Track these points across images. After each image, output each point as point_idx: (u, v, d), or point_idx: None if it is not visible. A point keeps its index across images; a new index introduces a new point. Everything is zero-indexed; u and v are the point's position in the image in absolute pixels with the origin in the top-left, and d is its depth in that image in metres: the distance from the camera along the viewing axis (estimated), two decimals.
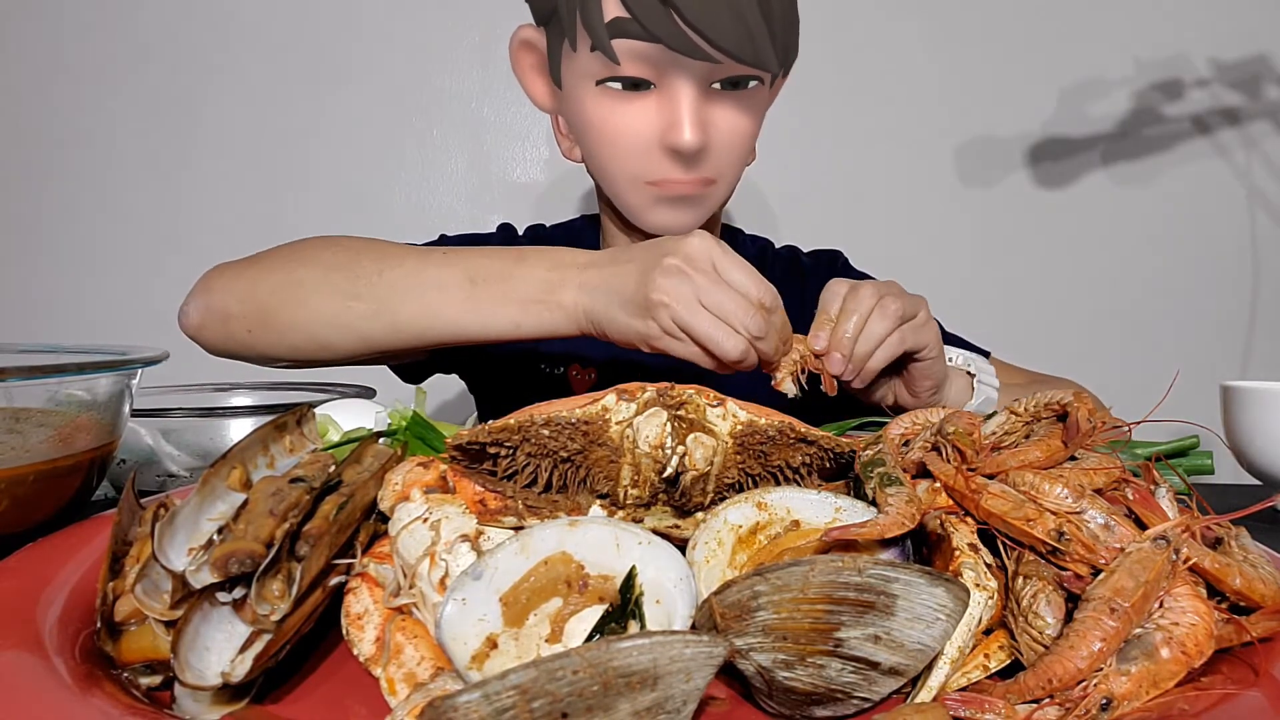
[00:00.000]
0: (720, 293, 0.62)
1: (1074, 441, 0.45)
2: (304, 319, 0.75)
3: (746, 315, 0.62)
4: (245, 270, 0.79)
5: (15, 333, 1.62)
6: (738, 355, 0.62)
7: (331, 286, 0.74)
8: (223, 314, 0.77)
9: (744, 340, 0.62)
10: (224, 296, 0.78)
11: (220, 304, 0.78)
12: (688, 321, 0.62)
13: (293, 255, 0.78)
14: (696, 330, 0.62)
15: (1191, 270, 1.68)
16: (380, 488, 0.45)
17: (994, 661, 0.39)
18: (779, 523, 0.44)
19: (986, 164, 1.66)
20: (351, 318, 0.73)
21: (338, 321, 0.74)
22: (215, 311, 0.78)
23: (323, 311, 0.74)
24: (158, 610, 0.36)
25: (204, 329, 0.79)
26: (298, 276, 0.76)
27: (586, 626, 0.37)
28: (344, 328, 0.74)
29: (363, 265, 0.74)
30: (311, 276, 0.75)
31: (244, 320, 0.77)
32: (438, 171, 1.66)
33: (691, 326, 0.62)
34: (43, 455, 0.54)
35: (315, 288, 0.75)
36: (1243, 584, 0.39)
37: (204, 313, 0.78)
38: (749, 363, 0.64)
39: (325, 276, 0.75)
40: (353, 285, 0.73)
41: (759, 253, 1.11)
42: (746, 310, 0.62)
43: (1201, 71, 1.63)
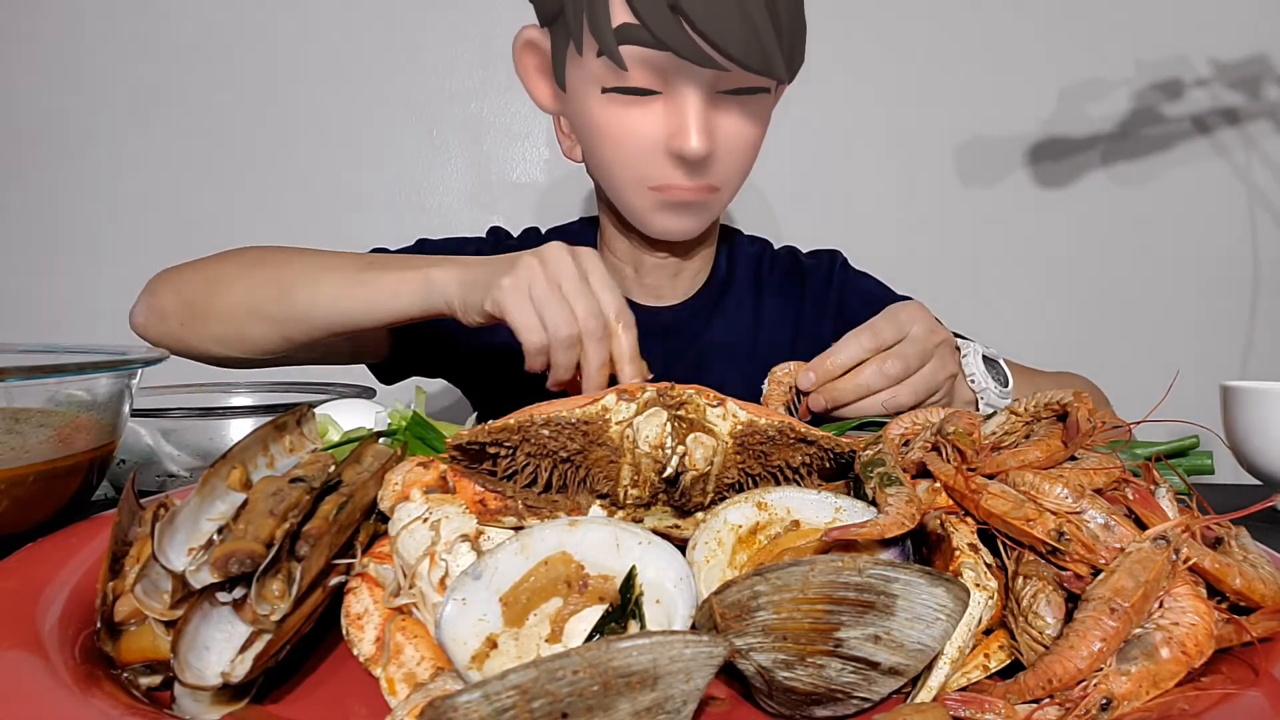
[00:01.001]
0: (552, 293, 0.67)
1: (1074, 441, 0.45)
2: (223, 307, 0.83)
3: (561, 317, 0.66)
4: (182, 271, 0.87)
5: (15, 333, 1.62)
6: (532, 348, 0.67)
7: (248, 278, 0.83)
8: (160, 311, 0.85)
9: (543, 339, 0.67)
10: (162, 295, 0.86)
11: (159, 302, 0.86)
12: (502, 302, 0.67)
13: (222, 256, 0.88)
14: (507, 310, 0.67)
15: (1191, 270, 1.68)
16: (380, 488, 0.45)
17: (994, 661, 0.39)
18: (779, 523, 0.44)
19: (986, 164, 1.66)
20: (258, 301, 0.82)
21: (249, 307, 0.82)
22: (155, 310, 0.86)
23: (238, 299, 0.83)
24: (158, 610, 0.36)
25: (147, 327, 0.87)
26: (221, 272, 0.85)
27: (586, 626, 0.37)
28: (253, 313, 0.82)
29: (275, 258, 0.84)
30: (232, 271, 0.85)
31: (177, 315, 0.85)
32: (438, 171, 1.66)
33: (505, 307, 0.67)
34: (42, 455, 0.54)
35: (234, 279, 0.84)
36: (1243, 584, 0.39)
37: (146, 312, 0.86)
38: (546, 362, 0.68)
39: (245, 271, 0.84)
40: (263, 273, 0.82)
41: (758, 254, 1.10)
42: (566, 316, 0.66)
43: (1201, 71, 1.63)
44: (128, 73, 1.61)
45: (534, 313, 0.67)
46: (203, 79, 1.62)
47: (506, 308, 0.68)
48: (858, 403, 0.70)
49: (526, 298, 0.67)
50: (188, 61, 1.61)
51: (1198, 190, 1.66)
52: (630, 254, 1.01)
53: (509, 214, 1.66)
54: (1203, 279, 1.68)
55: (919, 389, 0.70)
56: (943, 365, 0.72)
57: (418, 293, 0.76)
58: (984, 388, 0.79)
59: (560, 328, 0.66)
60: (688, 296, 1.04)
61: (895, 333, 0.71)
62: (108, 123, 1.62)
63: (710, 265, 1.05)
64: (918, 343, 0.71)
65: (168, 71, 1.61)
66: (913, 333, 0.71)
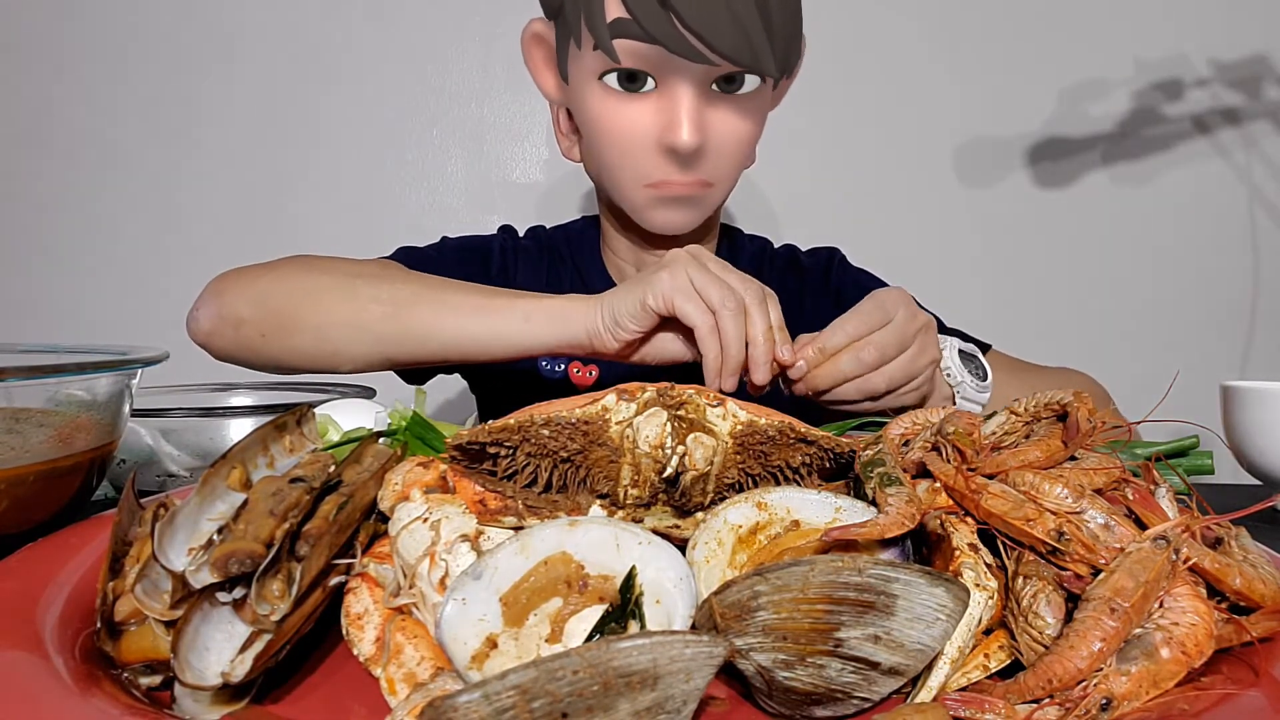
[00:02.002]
0: (708, 276, 0.68)
1: (1074, 441, 0.45)
2: (321, 321, 0.77)
3: (723, 291, 0.67)
4: (259, 276, 0.80)
5: (15, 333, 1.62)
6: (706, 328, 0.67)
7: (353, 290, 0.77)
8: (235, 319, 0.78)
9: (711, 320, 0.67)
10: (236, 301, 0.79)
11: (232, 309, 0.79)
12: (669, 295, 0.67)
13: (309, 264, 0.81)
14: (675, 300, 0.67)
15: (1191, 270, 1.68)
16: (380, 488, 0.45)
17: (994, 661, 0.39)
18: (779, 523, 0.44)
19: (986, 164, 1.66)
20: (368, 319, 0.76)
21: (355, 322, 0.76)
22: (227, 317, 0.79)
23: (341, 312, 0.76)
24: (158, 610, 0.36)
25: (214, 335, 0.80)
26: (318, 282, 0.78)
27: (586, 626, 0.37)
28: (359, 329, 0.76)
29: (386, 274, 0.79)
30: (333, 282, 0.78)
31: (257, 325, 0.78)
32: (438, 171, 1.66)
33: (671, 299, 0.67)
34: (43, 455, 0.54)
35: (336, 290, 0.77)
36: (1243, 584, 0.39)
37: (215, 319, 0.79)
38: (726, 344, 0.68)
39: (348, 282, 0.78)
40: (374, 289, 0.76)
41: (758, 252, 1.11)
42: (727, 289, 0.67)
43: (1201, 71, 1.63)
44: (127, 73, 1.61)
45: (699, 297, 0.67)
46: (202, 79, 1.62)
47: (675, 296, 0.67)
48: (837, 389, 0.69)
49: (689, 286, 0.68)
50: (187, 62, 1.61)
51: (1198, 190, 1.66)
52: (631, 253, 1.02)
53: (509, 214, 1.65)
54: (1203, 279, 1.68)
55: (893, 376, 0.70)
56: (922, 351, 0.72)
57: (554, 322, 0.73)
58: (960, 381, 0.79)
59: (728, 298, 0.67)
60: None
61: (881, 318, 0.70)
62: (107, 122, 1.62)
63: None
64: (897, 329, 0.70)
65: (167, 71, 1.61)
66: (895, 317, 0.71)
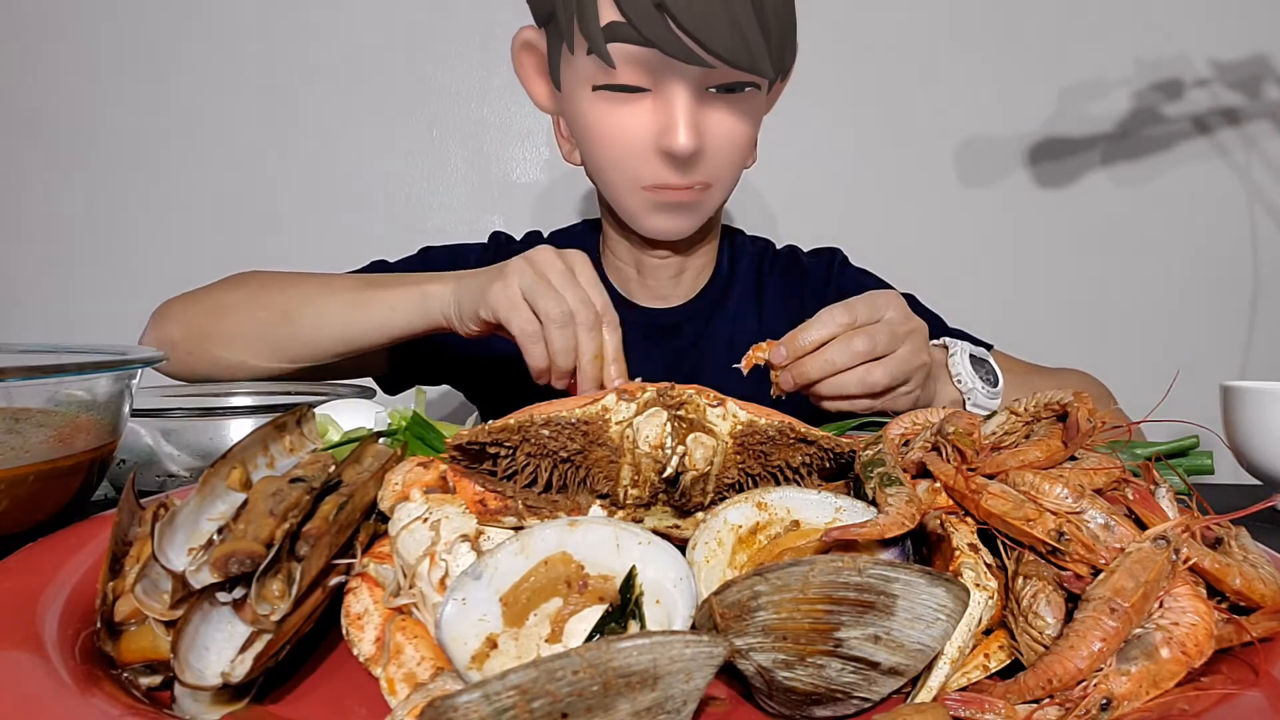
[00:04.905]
0: (540, 283, 0.69)
1: (1074, 441, 0.45)
2: (227, 333, 0.86)
3: (551, 301, 0.68)
4: (186, 301, 0.91)
5: (15, 333, 1.62)
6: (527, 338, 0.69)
7: (250, 304, 0.86)
8: (169, 342, 0.88)
9: (537, 327, 0.69)
10: (169, 325, 0.89)
11: (166, 333, 0.89)
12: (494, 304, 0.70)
13: (225, 283, 0.91)
14: (499, 309, 0.70)
15: (1191, 270, 1.68)
16: (380, 488, 0.45)
17: (994, 661, 0.39)
18: (779, 523, 0.44)
19: (986, 164, 1.66)
20: (262, 326, 0.85)
21: (253, 333, 0.85)
22: (162, 341, 0.89)
23: (241, 324, 0.86)
24: (158, 610, 0.36)
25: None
26: (225, 299, 0.89)
27: (586, 626, 0.37)
28: (257, 337, 0.85)
29: (276, 283, 0.87)
30: (235, 298, 0.88)
31: (184, 344, 0.88)
32: (438, 171, 1.66)
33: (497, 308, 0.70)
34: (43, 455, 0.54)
35: (237, 306, 0.87)
36: (1243, 584, 0.39)
37: (156, 344, 0.88)
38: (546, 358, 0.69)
39: (247, 297, 0.87)
40: (265, 298, 0.86)
41: (759, 253, 1.11)
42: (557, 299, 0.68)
43: (1201, 71, 1.63)
44: (126, 72, 1.61)
45: (525, 305, 0.69)
46: (202, 79, 1.62)
47: (498, 308, 0.70)
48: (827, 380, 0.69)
49: (518, 294, 0.69)
50: (187, 62, 1.61)
51: (1198, 190, 1.66)
52: (632, 255, 1.01)
53: (509, 214, 1.66)
54: (1203, 279, 1.68)
55: (894, 371, 0.69)
56: (914, 353, 0.71)
57: (415, 309, 0.78)
58: (971, 388, 0.79)
59: (551, 309, 0.68)
60: (690, 297, 1.04)
61: (870, 313, 0.70)
62: (106, 122, 1.62)
63: (713, 265, 1.06)
64: (889, 326, 0.70)
65: (167, 72, 1.61)
66: (886, 316, 0.70)
